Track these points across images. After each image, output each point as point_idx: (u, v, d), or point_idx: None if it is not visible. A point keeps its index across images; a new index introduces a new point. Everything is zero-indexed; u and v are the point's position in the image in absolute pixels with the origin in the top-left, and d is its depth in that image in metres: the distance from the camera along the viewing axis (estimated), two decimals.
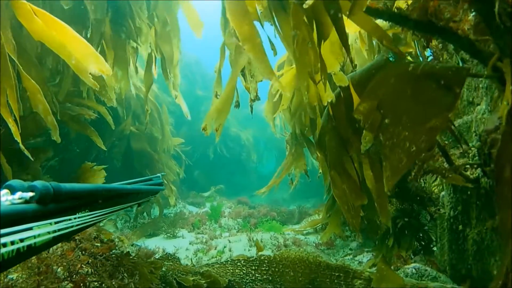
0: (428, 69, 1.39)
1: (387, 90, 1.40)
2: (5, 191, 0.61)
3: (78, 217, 0.75)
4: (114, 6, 3.83)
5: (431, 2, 1.41)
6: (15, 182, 0.63)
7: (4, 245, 0.51)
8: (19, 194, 0.62)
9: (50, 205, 0.67)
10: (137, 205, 1.32)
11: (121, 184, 1.13)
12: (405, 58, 1.67)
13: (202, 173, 12.52)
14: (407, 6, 1.51)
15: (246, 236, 5.15)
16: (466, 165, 1.89)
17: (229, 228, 6.62)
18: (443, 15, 1.43)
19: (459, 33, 1.42)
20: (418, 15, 1.43)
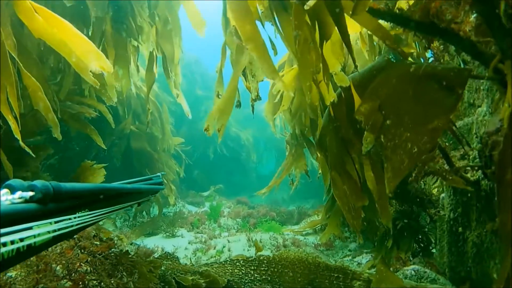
0: (430, 70, 1.38)
1: (389, 91, 1.40)
2: (5, 191, 0.61)
3: (78, 217, 0.75)
4: (115, 4, 3.82)
5: (433, 3, 1.40)
6: (15, 182, 0.63)
7: (4, 245, 0.50)
8: (19, 194, 0.62)
9: (50, 205, 0.67)
10: (137, 205, 1.32)
11: (121, 184, 1.12)
12: (408, 59, 1.67)
13: (202, 173, 12.51)
14: (409, 7, 1.51)
15: (245, 236, 5.14)
16: (467, 167, 1.89)
17: (228, 228, 6.61)
18: (445, 16, 1.42)
19: (461, 35, 1.42)
20: (420, 16, 1.43)
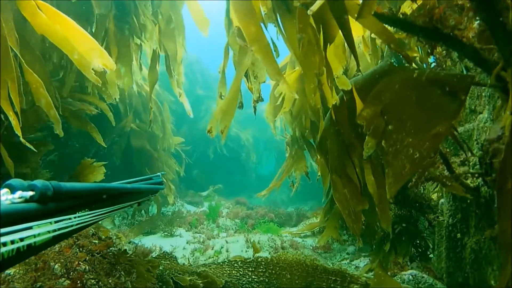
0: (433, 76, 1.38)
1: (391, 96, 1.40)
2: (5, 190, 0.60)
3: (78, 216, 0.75)
4: (119, 3, 3.82)
5: (437, 9, 1.40)
6: (15, 181, 0.63)
7: (4, 244, 0.50)
8: (19, 193, 0.62)
9: (50, 204, 0.67)
10: (137, 204, 1.32)
11: (122, 183, 1.12)
12: (412, 62, 1.66)
13: (201, 172, 12.51)
14: (412, 12, 1.51)
15: (244, 237, 5.14)
16: (467, 174, 1.89)
17: (227, 229, 6.61)
18: (448, 22, 1.43)
19: (464, 41, 1.42)
20: (424, 22, 1.43)
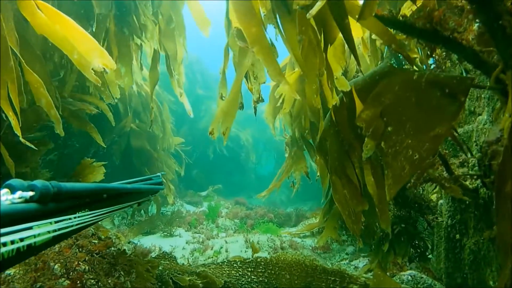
0: (433, 78, 1.39)
1: (391, 98, 1.40)
2: (5, 190, 0.61)
3: (78, 217, 0.75)
4: (119, 3, 3.82)
5: (436, 11, 1.41)
6: (15, 181, 0.63)
7: (4, 245, 0.50)
8: (19, 194, 0.62)
9: (50, 205, 0.67)
10: (137, 204, 1.32)
11: (121, 184, 1.12)
12: (413, 63, 1.67)
13: (201, 172, 12.51)
14: (412, 14, 1.51)
15: (243, 237, 5.14)
16: (466, 175, 1.89)
17: (226, 229, 6.61)
18: (448, 25, 1.43)
19: (464, 43, 1.42)
20: (423, 24, 1.43)
